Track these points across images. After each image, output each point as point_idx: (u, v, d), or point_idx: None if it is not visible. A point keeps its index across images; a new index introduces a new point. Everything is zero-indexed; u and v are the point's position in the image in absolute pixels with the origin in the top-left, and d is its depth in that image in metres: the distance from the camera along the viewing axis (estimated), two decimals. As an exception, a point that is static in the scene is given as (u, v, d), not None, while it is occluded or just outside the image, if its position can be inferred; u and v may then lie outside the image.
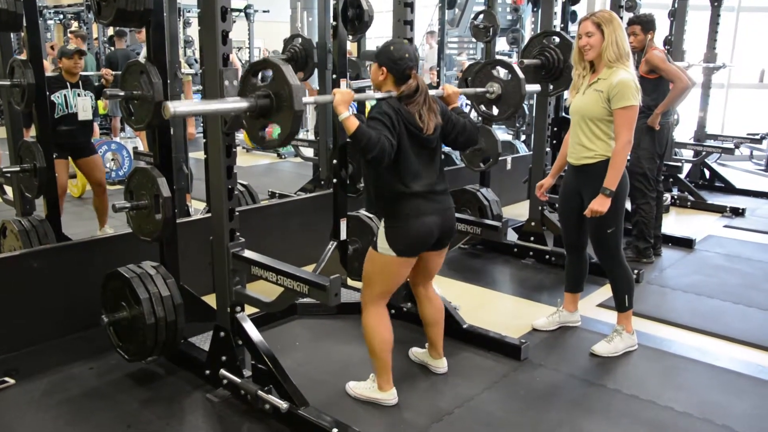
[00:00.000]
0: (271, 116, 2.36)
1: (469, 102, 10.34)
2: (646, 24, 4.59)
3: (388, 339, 2.80)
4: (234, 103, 2.38)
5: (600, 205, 3.11)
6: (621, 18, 4.90)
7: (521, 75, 3.47)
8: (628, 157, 4.81)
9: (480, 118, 3.89)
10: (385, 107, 2.62)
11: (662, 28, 4.71)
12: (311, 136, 8.01)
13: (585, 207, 3.25)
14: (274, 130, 2.47)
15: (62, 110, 4.72)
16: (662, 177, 5.01)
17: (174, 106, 2.16)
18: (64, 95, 4.73)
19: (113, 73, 5.08)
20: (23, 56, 4.00)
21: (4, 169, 4.03)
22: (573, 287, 3.65)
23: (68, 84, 4.76)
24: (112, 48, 9.48)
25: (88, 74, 5.29)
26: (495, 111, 3.65)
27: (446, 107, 2.87)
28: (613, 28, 3.07)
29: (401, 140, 2.61)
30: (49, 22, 12.73)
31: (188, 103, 2.35)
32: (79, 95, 4.79)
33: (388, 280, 2.79)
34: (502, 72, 3.60)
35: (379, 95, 2.69)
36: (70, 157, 4.96)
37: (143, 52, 6.81)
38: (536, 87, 3.93)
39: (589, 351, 3.34)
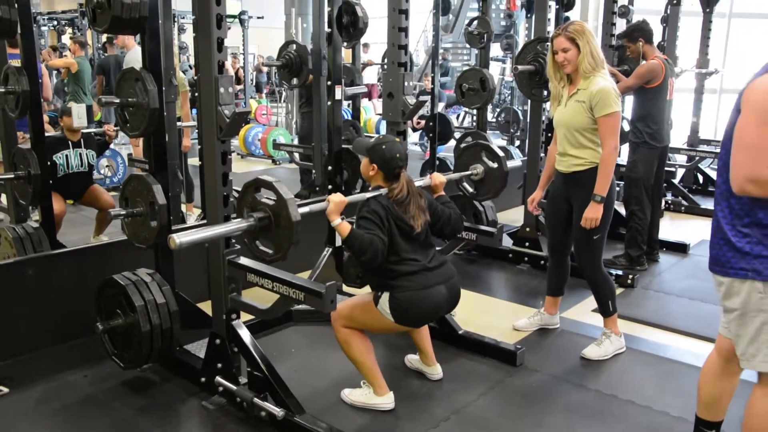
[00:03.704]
0: (269, 236, 2.55)
1: (466, 109, 10.39)
2: (630, 34, 4.62)
3: (365, 345, 2.83)
4: (235, 225, 2.55)
5: (593, 212, 3.17)
6: (614, 24, 4.96)
7: (506, 168, 3.69)
8: (624, 163, 4.86)
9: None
10: (374, 205, 2.69)
11: (655, 34, 4.73)
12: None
13: (573, 213, 3.31)
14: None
15: (63, 170, 4.65)
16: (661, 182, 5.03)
17: (179, 237, 2.30)
18: (66, 155, 4.66)
19: (115, 129, 4.97)
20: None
21: (-2, 177, 4.02)
22: (554, 290, 3.68)
23: (70, 143, 4.68)
24: (105, 54, 9.48)
25: (89, 131, 5.09)
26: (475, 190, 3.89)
27: (432, 199, 2.95)
28: (587, 39, 3.12)
29: (392, 235, 2.68)
30: (43, 28, 12.74)
31: (192, 232, 2.42)
32: (80, 155, 4.73)
33: (374, 329, 2.83)
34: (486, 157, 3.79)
35: (369, 195, 2.77)
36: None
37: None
38: (517, 163, 4.34)
39: (580, 355, 3.37)
